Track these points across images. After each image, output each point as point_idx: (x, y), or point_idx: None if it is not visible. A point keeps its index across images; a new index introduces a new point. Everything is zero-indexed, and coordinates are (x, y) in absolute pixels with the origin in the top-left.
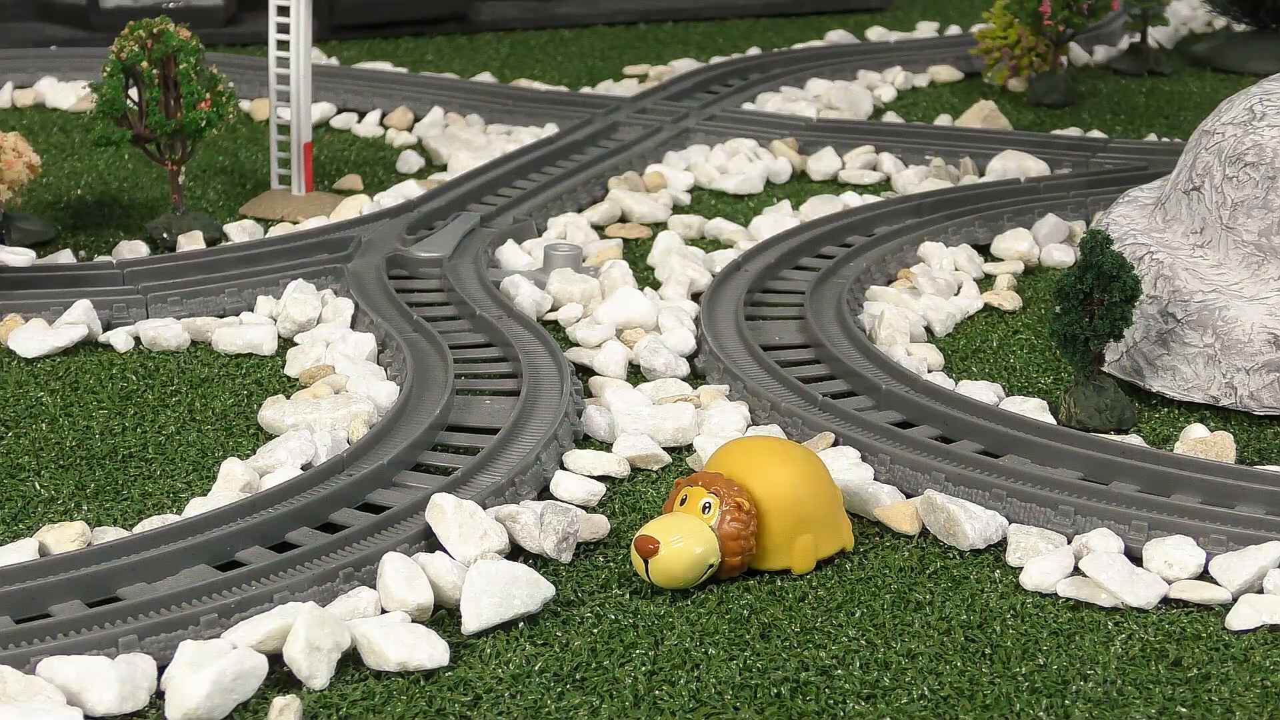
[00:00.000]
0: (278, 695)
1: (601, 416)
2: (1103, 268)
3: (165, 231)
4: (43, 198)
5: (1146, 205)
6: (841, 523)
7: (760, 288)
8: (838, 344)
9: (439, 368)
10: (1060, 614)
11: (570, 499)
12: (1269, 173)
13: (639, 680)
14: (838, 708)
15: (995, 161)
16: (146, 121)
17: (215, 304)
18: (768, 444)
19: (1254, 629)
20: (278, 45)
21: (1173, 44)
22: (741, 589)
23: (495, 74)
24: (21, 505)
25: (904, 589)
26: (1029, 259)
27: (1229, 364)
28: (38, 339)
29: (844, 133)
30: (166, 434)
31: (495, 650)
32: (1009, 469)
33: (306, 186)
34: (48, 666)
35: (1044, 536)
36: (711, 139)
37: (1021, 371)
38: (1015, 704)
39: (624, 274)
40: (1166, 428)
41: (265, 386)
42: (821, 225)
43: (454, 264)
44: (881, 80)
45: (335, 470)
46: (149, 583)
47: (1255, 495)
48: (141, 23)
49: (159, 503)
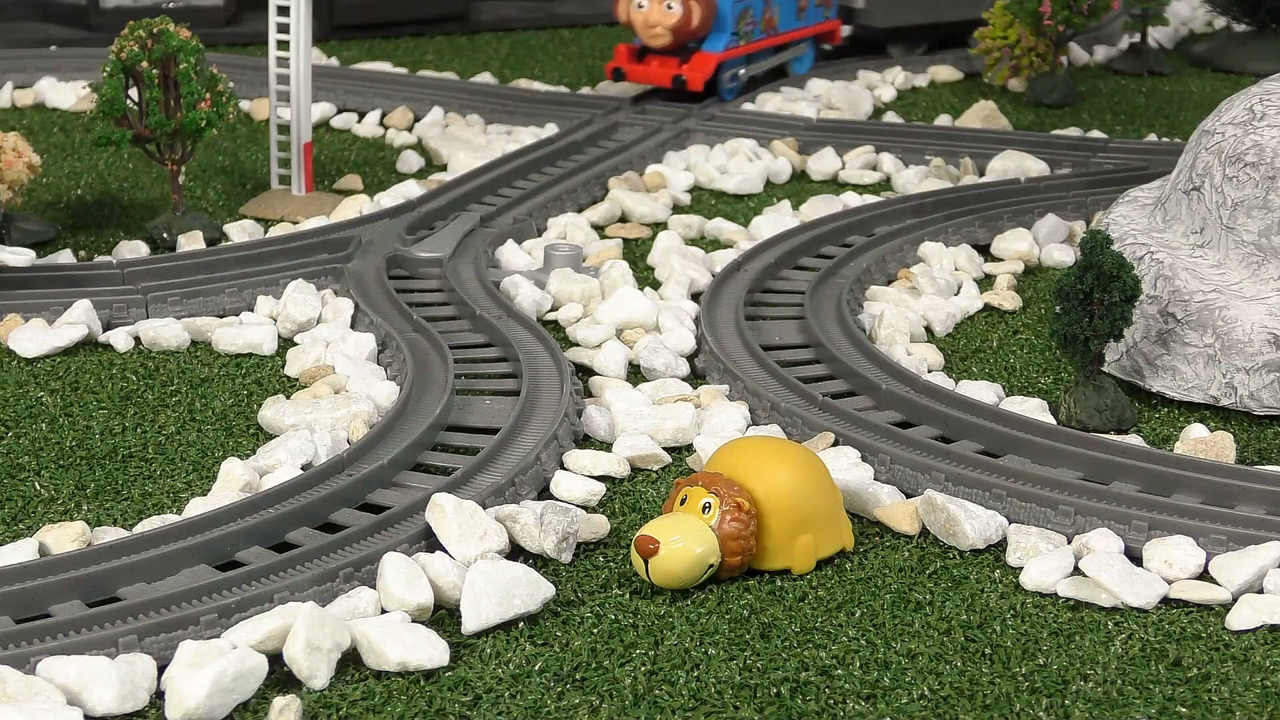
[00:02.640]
0: (278, 695)
1: (601, 416)
2: (1103, 268)
3: (165, 231)
4: (43, 198)
5: (1146, 205)
6: (841, 523)
7: (760, 288)
8: (838, 344)
9: (439, 368)
10: (1060, 614)
11: (570, 499)
12: (1269, 173)
13: (639, 680)
14: (838, 708)
15: (995, 161)
16: (146, 121)
17: (215, 304)
18: (768, 444)
19: (1254, 629)
20: (278, 45)
21: (1173, 44)
22: (741, 589)
23: (495, 74)
24: (21, 505)
25: (904, 589)
26: (1029, 259)
27: (1229, 364)
28: (38, 339)
29: (844, 133)
30: (166, 434)
31: (495, 650)
32: (1009, 469)
33: (306, 186)
34: (48, 666)
35: (1044, 536)
36: (711, 139)
37: (1021, 371)
38: (1015, 704)
39: (624, 274)
40: (1166, 428)
41: (265, 386)
42: (821, 225)
43: (454, 264)
44: (881, 80)
45: (335, 470)
46: (149, 583)
47: (1255, 495)
48: (141, 23)
49: (159, 503)
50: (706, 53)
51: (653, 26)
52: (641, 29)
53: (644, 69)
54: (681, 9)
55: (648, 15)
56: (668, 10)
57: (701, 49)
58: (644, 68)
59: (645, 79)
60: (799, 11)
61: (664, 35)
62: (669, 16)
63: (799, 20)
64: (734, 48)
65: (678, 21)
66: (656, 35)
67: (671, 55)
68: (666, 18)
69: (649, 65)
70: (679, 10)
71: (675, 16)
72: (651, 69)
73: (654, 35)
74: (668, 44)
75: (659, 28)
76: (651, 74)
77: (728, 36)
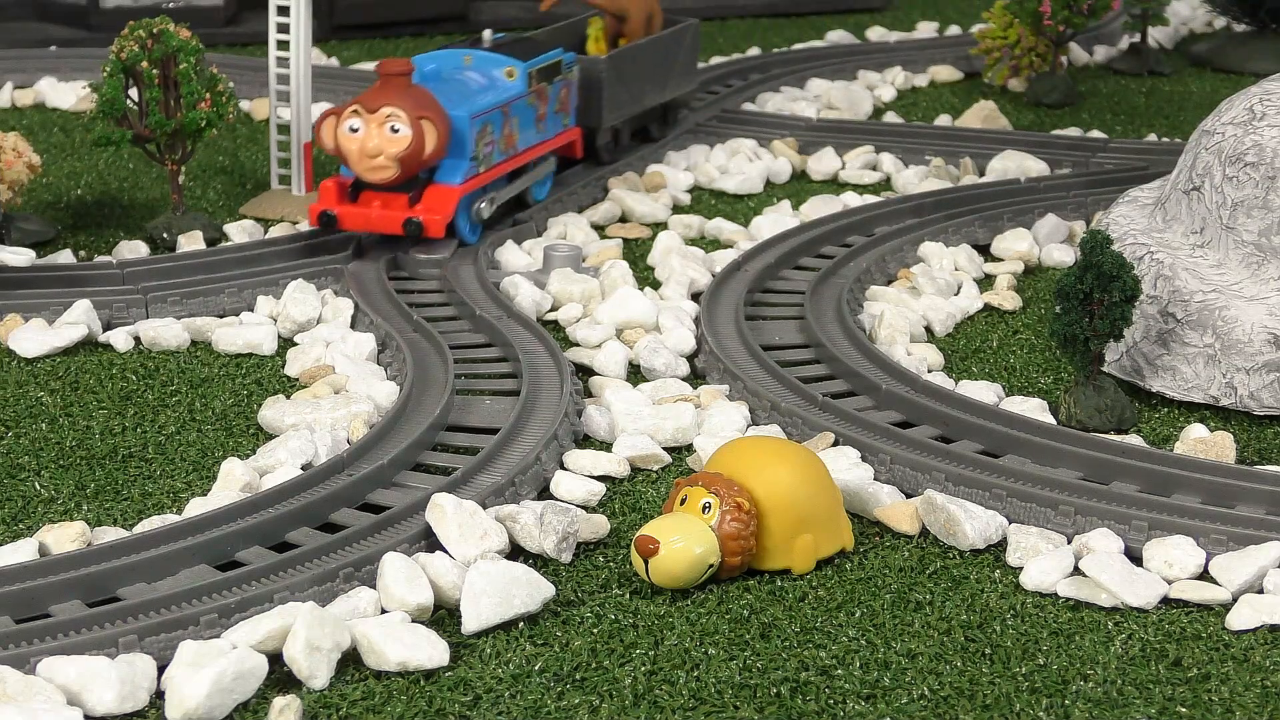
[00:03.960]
0: (278, 695)
1: (601, 416)
2: (1103, 268)
3: (165, 231)
4: (43, 198)
5: (1146, 205)
6: (841, 523)
7: (760, 288)
8: (838, 344)
9: (439, 368)
10: (1060, 614)
11: (570, 499)
12: (1269, 173)
13: (639, 680)
14: (838, 708)
15: (995, 161)
16: (146, 121)
17: (215, 304)
18: (768, 444)
19: (1254, 629)
20: (278, 45)
21: (1173, 44)
22: (741, 589)
23: None
24: (21, 505)
25: (904, 589)
26: (1029, 259)
27: (1229, 364)
28: (38, 339)
29: (844, 133)
30: (166, 434)
31: (495, 650)
32: (1009, 469)
33: (306, 186)
34: (48, 666)
35: (1044, 536)
36: (711, 139)
37: (1021, 371)
38: (1015, 704)
39: (624, 274)
40: (1166, 428)
41: (265, 386)
42: (821, 225)
43: (454, 264)
44: (881, 80)
45: (335, 470)
46: (149, 583)
47: (1255, 495)
48: (141, 23)
49: (159, 503)
50: (443, 185)
51: (373, 156)
52: (357, 160)
53: (362, 211)
54: (411, 130)
55: (364, 142)
56: (392, 134)
57: (435, 180)
58: (362, 209)
59: (366, 225)
60: (538, 121)
61: (389, 168)
62: (394, 142)
63: (539, 133)
64: (474, 176)
65: (407, 149)
66: (378, 168)
67: (397, 191)
68: (391, 143)
69: (368, 206)
70: (407, 133)
71: (403, 142)
72: (373, 211)
73: (375, 168)
74: (393, 178)
75: (381, 158)
76: (374, 218)
77: (466, 163)
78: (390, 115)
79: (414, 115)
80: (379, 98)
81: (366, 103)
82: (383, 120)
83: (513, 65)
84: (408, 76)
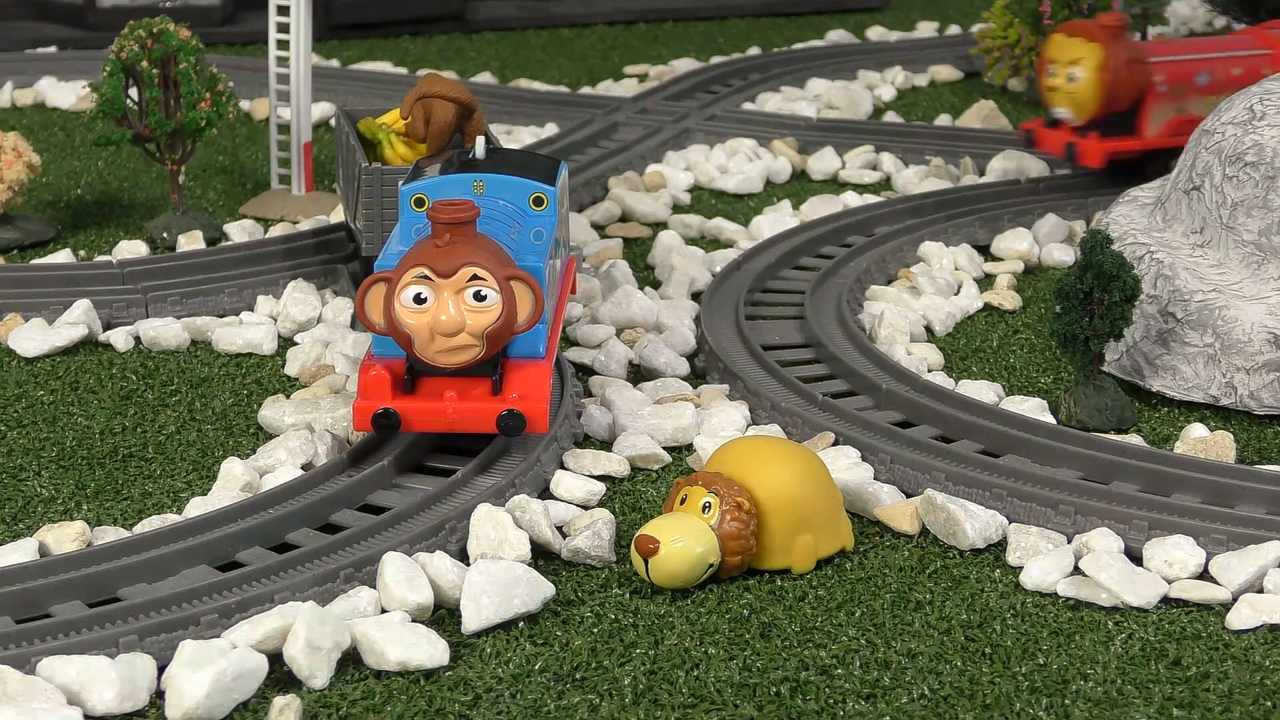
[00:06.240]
0: (278, 695)
1: (602, 416)
2: (1103, 267)
3: (165, 231)
4: (43, 198)
5: (1146, 205)
6: (841, 523)
7: (760, 288)
8: (838, 344)
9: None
10: (1060, 614)
11: (570, 499)
12: (1269, 172)
13: (639, 679)
14: (838, 707)
15: (995, 161)
16: (146, 121)
17: (215, 304)
18: (768, 444)
19: (1254, 629)
20: (278, 45)
21: None
22: (741, 589)
23: (495, 74)
24: (21, 505)
25: (904, 589)
26: (1029, 259)
27: (1229, 363)
28: (38, 339)
29: (844, 132)
30: (166, 434)
31: (495, 650)
32: (1009, 469)
33: (306, 186)
34: (48, 666)
35: (1044, 536)
36: (711, 139)
37: (1021, 371)
38: (1015, 704)
39: (624, 274)
40: (1166, 427)
41: (265, 386)
42: (821, 225)
43: None
44: (881, 80)
45: (336, 471)
46: (149, 583)
47: (1255, 495)
48: (141, 22)
49: (159, 503)
50: (526, 360)
51: (450, 335)
52: (426, 340)
53: (434, 407)
54: (500, 296)
55: (436, 315)
56: (476, 302)
57: (509, 354)
58: (432, 404)
59: (444, 424)
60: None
61: (473, 347)
62: (480, 313)
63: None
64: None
65: (499, 321)
66: (459, 348)
67: (474, 375)
68: (476, 315)
69: (439, 399)
70: (496, 300)
71: (493, 312)
72: (447, 405)
73: (453, 349)
74: (475, 359)
75: (463, 335)
76: (453, 414)
77: (544, 327)
78: (473, 279)
79: (502, 276)
80: (452, 256)
81: (436, 264)
82: (461, 286)
83: (541, 191)
84: (474, 224)
